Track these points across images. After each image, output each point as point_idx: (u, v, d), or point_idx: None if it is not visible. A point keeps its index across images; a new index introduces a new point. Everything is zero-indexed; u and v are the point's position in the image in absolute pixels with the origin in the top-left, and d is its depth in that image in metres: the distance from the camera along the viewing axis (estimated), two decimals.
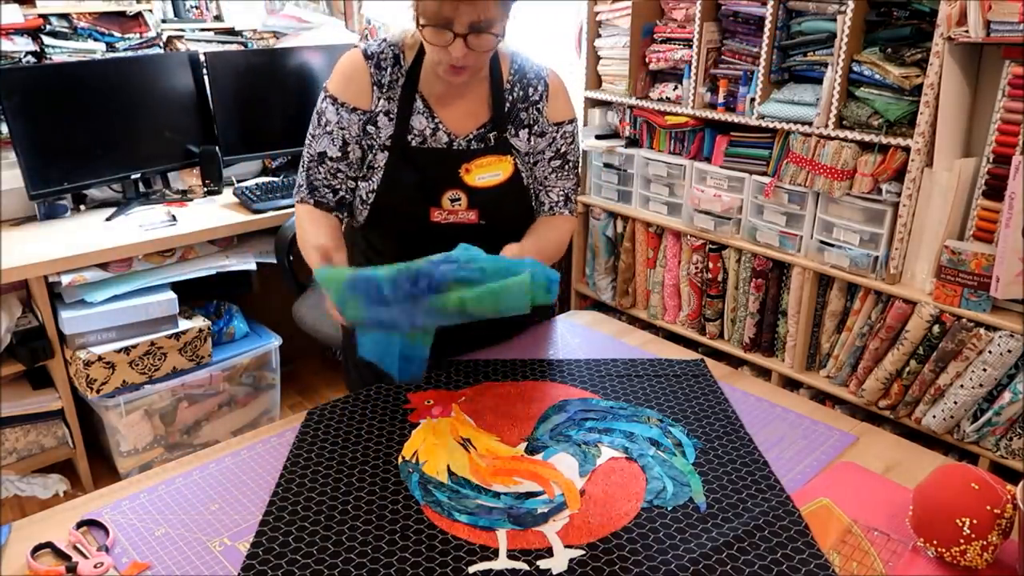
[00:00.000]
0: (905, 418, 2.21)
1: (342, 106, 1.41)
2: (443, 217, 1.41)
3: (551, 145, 1.48)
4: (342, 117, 1.41)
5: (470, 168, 1.40)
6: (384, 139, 1.41)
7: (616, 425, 1.33)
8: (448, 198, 1.40)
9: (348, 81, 1.41)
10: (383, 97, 1.41)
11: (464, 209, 1.41)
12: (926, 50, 2.01)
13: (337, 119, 1.41)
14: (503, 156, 1.43)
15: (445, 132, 1.41)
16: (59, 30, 2.77)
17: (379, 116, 1.41)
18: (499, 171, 1.42)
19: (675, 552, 1.05)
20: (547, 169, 1.50)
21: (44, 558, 1.07)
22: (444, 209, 1.40)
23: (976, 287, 1.98)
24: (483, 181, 1.41)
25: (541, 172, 1.50)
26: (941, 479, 1.05)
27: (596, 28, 2.83)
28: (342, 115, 1.41)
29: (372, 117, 1.41)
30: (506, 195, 1.44)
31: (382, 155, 1.41)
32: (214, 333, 2.51)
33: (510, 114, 1.44)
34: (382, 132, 1.41)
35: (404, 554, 1.05)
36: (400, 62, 1.41)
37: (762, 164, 2.44)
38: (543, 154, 1.49)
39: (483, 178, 1.41)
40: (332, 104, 1.41)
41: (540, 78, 1.47)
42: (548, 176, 1.50)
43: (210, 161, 2.72)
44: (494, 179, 1.42)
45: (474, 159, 1.41)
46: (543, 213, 1.51)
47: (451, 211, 1.40)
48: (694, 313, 2.71)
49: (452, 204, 1.40)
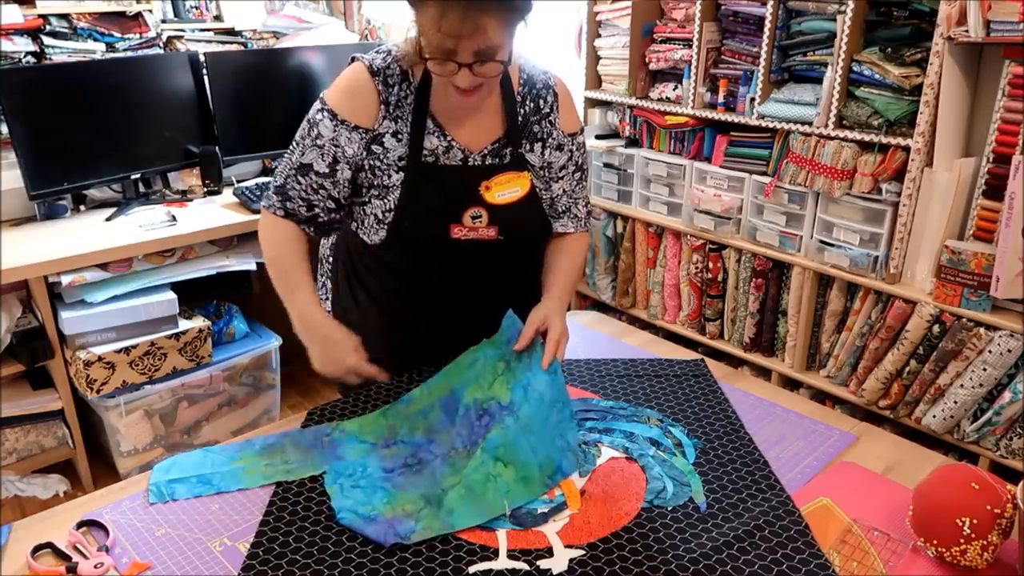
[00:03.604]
0: (905, 418, 2.21)
1: (342, 123, 1.34)
2: (463, 234, 1.38)
3: (571, 159, 1.47)
4: (339, 134, 1.34)
5: (490, 186, 1.38)
6: (395, 159, 1.36)
7: (616, 425, 1.33)
8: (470, 215, 1.37)
9: (353, 97, 1.35)
10: (389, 117, 1.35)
11: (485, 226, 1.39)
12: (926, 50, 2.01)
13: (333, 135, 1.34)
14: (520, 172, 1.41)
15: (459, 149, 1.38)
16: (59, 30, 2.77)
17: (385, 136, 1.36)
18: (518, 187, 1.40)
19: (675, 552, 1.05)
20: (572, 182, 1.48)
21: (44, 558, 1.07)
22: (465, 226, 1.38)
23: (976, 287, 1.98)
24: (503, 198, 1.39)
25: (568, 186, 1.48)
26: (941, 479, 1.05)
27: (596, 28, 2.83)
28: (340, 132, 1.34)
29: (377, 137, 1.36)
30: (525, 211, 1.42)
31: (396, 175, 1.36)
32: (214, 333, 2.51)
33: (523, 128, 1.42)
34: (391, 153, 1.36)
35: (404, 554, 1.05)
36: (409, 78, 1.36)
37: (762, 164, 2.44)
38: (566, 169, 1.47)
39: (503, 195, 1.39)
40: (331, 119, 1.34)
41: (548, 88, 1.44)
42: (575, 190, 1.49)
43: (210, 161, 2.71)
44: (513, 195, 1.40)
45: (493, 176, 1.38)
46: (573, 229, 1.50)
47: (472, 228, 1.38)
48: (694, 313, 2.71)
49: (473, 221, 1.38)
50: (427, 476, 1.19)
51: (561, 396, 1.25)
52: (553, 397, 1.23)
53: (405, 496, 1.15)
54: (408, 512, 1.11)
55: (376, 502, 1.13)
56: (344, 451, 1.26)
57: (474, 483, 1.14)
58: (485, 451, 1.17)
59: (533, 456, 1.18)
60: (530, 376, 1.26)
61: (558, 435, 1.22)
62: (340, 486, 1.17)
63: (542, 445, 1.19)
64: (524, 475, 1.16)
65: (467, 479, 1.14)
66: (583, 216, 1.52)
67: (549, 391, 1.23)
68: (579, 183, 1.50)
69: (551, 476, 1.18)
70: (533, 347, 1.30)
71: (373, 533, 1.07)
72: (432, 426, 1.31)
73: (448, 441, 1.27)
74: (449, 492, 1.13)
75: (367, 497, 1.14)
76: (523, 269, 1.49)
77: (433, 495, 1.14)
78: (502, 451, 1.17)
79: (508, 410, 1.23)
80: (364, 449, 1.27)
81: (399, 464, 1.23)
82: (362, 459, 1.24)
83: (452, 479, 1.16)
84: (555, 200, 1.48)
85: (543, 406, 1.22)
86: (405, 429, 1.31)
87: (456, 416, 1.29)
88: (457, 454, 1.23)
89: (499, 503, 1.13)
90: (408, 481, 1.19)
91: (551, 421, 1.22)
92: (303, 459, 1.24)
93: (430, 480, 1.18)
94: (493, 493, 1.13)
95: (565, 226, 1.50)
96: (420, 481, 1.18)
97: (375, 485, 1.17)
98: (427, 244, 1.40)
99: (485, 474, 1.15)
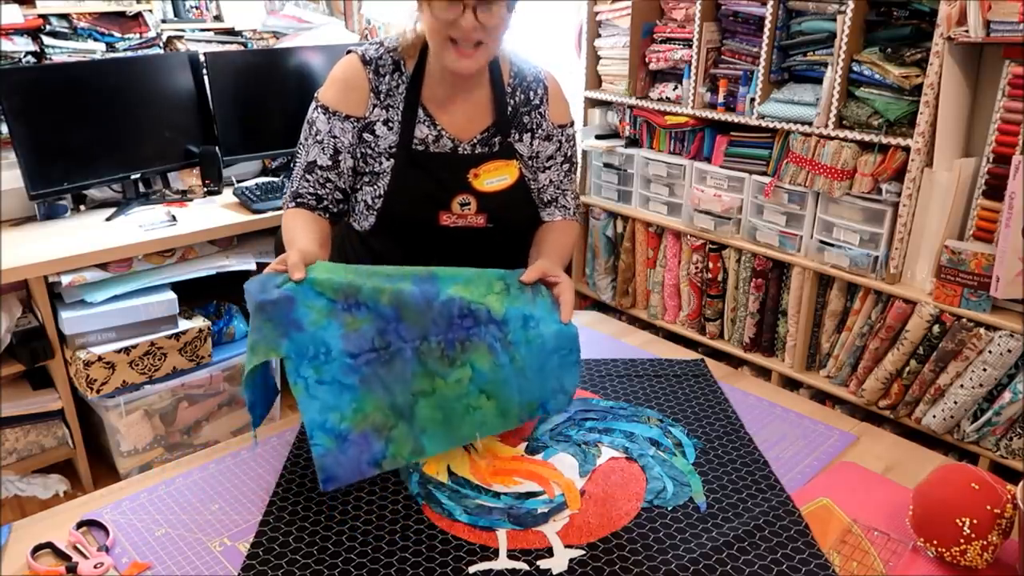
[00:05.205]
0: (905, 418, 2.21)
1: (334, 115, 1.38)
2: (452, 221, 1.41)
3: (559, 149, 1.49)
4: (333, 126, 1.38)
5: (478, 173, 1.40)
6: (386, 147, 1.39)
7: (616, 425, 1.33)
8: (458, 202, 1.40)
9: (344, 89, 1.39)
10: (380, 105, 1.39)
11: (473, 213, 1.41)
12: (926, 50, 2.01)
13: (328, 128, 1.38)
14: (509, 160, 1.43)
15: (449, 138, 1.41)
16: (59, 30, 2.77)
17: (376, 124, 1.39)
18: (506, 175, 1.42)
19: (675, 552, 1.05)
20: (560, 173, 1.50)
21: (44, 558, 1.07)
22: (453, 213, 1.40)
23: (976, 287, 1.98)
24: (491, 186, 1.41)
25: (556, 176, 1.50)
26: (941, 479, 1.05)
27: (596, 28, 2.83)
28: (334, 124, 1.38)
29: (368, 125, 1.39)
30: (513, 199, 1.44)
31: (387, 161, 1.40)
32: (214, 333, 2.51)
33: (513, 118, 1.44)
34: (381, 141, 1.39)
35: (404, 554, 1.05)
36: (401, 68, 1.39)
37: (762, 164, 2.44)
38: (554, 159, 1.49)
39: (491, 182, 1.41)
40: (323, 114, 1.39)
41: (539, 81, 1.47)
42: (562, 180, 1.51)
43: (210, 161, 2.71)
44: (502, 183, 1.42)
45: (481, 164, 1.41)
46: (561, 217, 1.51)
47: (460, 215, 1.40)
48: (694, 313, 2.71)
49: (462, 208, 1.40)
50: (397, 371, 1.14)
51: (569, 345, 1.22)
52: (558, 345, 1.21)
53: (373, 400, 1.11)
54: (377, 426, 1.10)
55: (344, 407, 1.09)
56: (301, 313, 1.13)
57: (453, 412, 1.15)
58: (473, 382, 1.16)
59: (518, 396, 1.19)
60: (534, 311, 1.23)
61: (553, 378, 1.21)
62: (305, 381, 1.09)
63: (531, 388, 1.19)
64: (503, 409, 1.18)
65: (447, 405, 1.15)
66: (571, 206, 1.53)
67: (554, 340, 1.21)
68: (567, 174, 1.51)
69: (531, 412, 1.20)
70: (537, 288, 1.28)
71: (352, 464, 1.07)
72: (402, 297, 1.17)
73: (421, 326, 1.17)
74: (420, 401, 1.13)
75: (335, 399, 1.09)
76: (512, 257, 1.50)
77: (404, 403, 1.12)
78: (490, 386, 1.17)
79: (497, 326, 1.19)
80: (322, 308, 1.13)
81: (365, 348, 1.13)
82: (322, 331, 1.12)
83: (423, 382, 1.14)
84: (542, 190, 1.50)
85: (544, 353, 1.20)
86: (369, 287, 1.16)
87: (434, 300, 1.18)
88: (430, 351, 1.16)
89: (472, 432, 1.16)
90: (375, 375, 1.12)
91: (548, 367, 1.21)
92: (261, 326, 1.13)
93: (400, 379, 1.13)
94: (469, 424, 1.16)
95: (552, 215, 1.51)
96: (389, 377, 1.13)
97: (340, 381, 1.10)
98: (416, 230, 1.42)
99: (466, 405, 1.16)
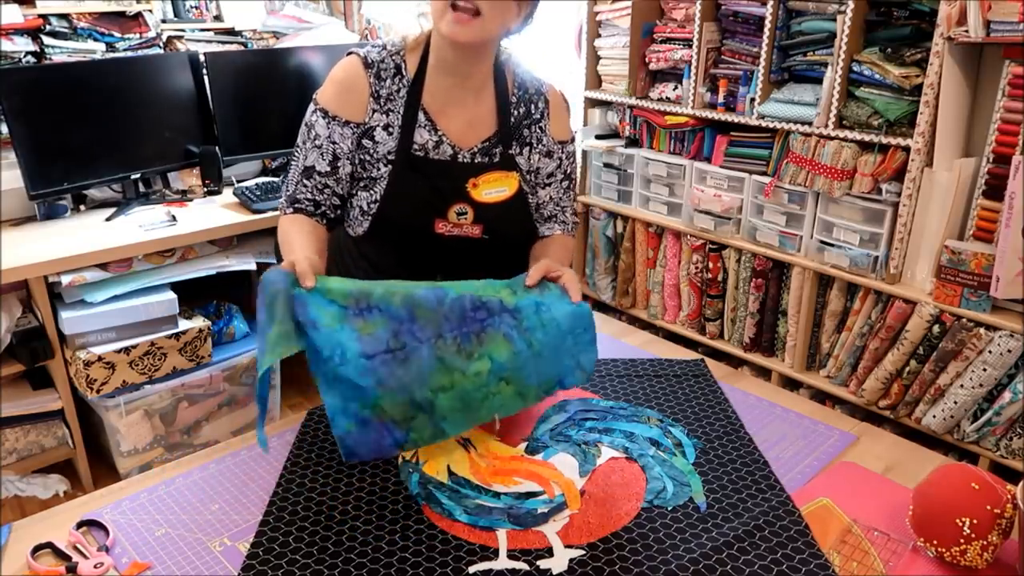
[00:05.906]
0: (905, 418, 2.21)
1: (333, 119, 1.36)
2: (447, 229, 1.39)
3: (560, 167, 1.48)
4: (333, 131, 1.36)
5: (477, 183, 1.38)
6: (384, 152, 1.37)
7: (616, 425, 1.33)
8: (455, 211, 1.38)
9: (344, 92, 1.37)
10: (380, 110, 1.37)
11: (470, 223, 1.39)
12: (926, 50, 2.01)
13: (328, 133, 1.36)
14: (509, 172, 1.41)
15: (449, 145, 1.39)
16: (59, 30, 2.76)
17: (376, 130, 1.37)
18: (505, 187, 1.41)
19: (675, 552, 1.05)
20: (560, 190, 1.50)
21: (44, 558, 1.07)
22: (449, 222, 1.39)
23: (976, 287, 1.98)
24: (490, 196, 1.40)
25: (556, 193, 1.49)
26: (941, 479, 1.05)
27: (596, 28, 2.83)
28: (333, 129, 1.36)
29: (368, 131, 1.37)
30: (511, 211, 1.43)
31: (385, 167, 1.38)
32: (214, 333, 2.51)
33: (514, 131, 1.42)
34: (380, 147, 1.37)
35: (404, 554, 1.05)
36: (402, 72, 1.37)
37: (762, 164, 2.44)
38: (554, 176, 1.48)
39: (490, 193, 1.39)
40: (323, 117, 1.36)
41: (540, 94, 1.45)
42: (562, 197, 1.50)
43: (210, 161, 2.71)
44: (500, 195, 1.40)
45: (481, 174, 1.39)
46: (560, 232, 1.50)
47: (456, 224, 1.39)
48: (694, 313, 2.71)
49: (459, 218, 1.38)
50: (414, 371, 1.12)
51: (583, 324, 1.22)
52: (573, 325, 1.21)
53: (392, 399, 1.09)
54: (396, 420, 1.11)
55: (364, 400, 1.08)
56: (314, 313, 1.10)
57: (472, 400, 1.16)
58: (492, 373, 1.17)
59: (536, 378, 1.20)
60: (547, 297, 1.23)
61: (569, 356, 1.22)
62: (324, 375, 1.08)
63: (548, 369, 1.20)
64: (521, 391, 1.19)
65: (466, 395, 1.15)
66: (571, 222, 1.53)
67: (568, 320, 1.21)
68: (567, 191, 1.51)
69: (548, 390, 1.22)
70: (543, 284, 1.27)
71: (373, 445, 1.09)
72: (414, 299, 1.16)
73: (435, 324, 1.16)
74: (440, 395, 1.13)
75: (355, 393, 1.08)
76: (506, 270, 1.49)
77: (423, 399, 1.12)
78: (509, 373, 1.18)
79: (511, 314, 1.20)
80: (335, 314, 1.11)
81: (380, 349, 1.11)
82: (336, 334, 1.09)
83: (441, 378, 1.14)
84: (541, 206, 1.49)
85: (559, 334, 1.21)
86: (380, 291, 1.15)
87: (445, 298, 1.18)
88: (446, 346, 1.15)
89: (489, 414, 1.18)
90: (392, 374, 1.10)
91: (564, 346, 1.21)
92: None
93: (417, 378, 1.12)
94: (487, 407, 1.17)
95: (552, 230, 1.51)
96: (407, 377, 1.11)
97: (356, 383, 1.08)
98: (410, 237, 1.41)
99: (486, 392, 1.17)
